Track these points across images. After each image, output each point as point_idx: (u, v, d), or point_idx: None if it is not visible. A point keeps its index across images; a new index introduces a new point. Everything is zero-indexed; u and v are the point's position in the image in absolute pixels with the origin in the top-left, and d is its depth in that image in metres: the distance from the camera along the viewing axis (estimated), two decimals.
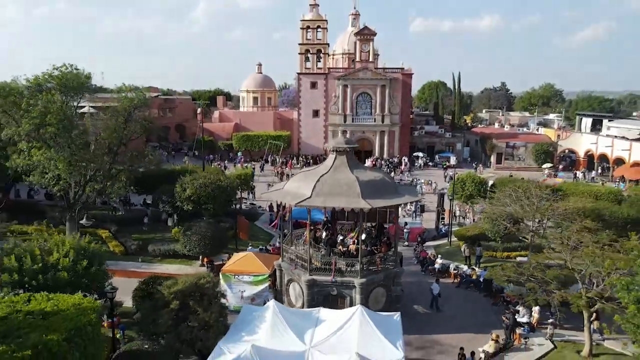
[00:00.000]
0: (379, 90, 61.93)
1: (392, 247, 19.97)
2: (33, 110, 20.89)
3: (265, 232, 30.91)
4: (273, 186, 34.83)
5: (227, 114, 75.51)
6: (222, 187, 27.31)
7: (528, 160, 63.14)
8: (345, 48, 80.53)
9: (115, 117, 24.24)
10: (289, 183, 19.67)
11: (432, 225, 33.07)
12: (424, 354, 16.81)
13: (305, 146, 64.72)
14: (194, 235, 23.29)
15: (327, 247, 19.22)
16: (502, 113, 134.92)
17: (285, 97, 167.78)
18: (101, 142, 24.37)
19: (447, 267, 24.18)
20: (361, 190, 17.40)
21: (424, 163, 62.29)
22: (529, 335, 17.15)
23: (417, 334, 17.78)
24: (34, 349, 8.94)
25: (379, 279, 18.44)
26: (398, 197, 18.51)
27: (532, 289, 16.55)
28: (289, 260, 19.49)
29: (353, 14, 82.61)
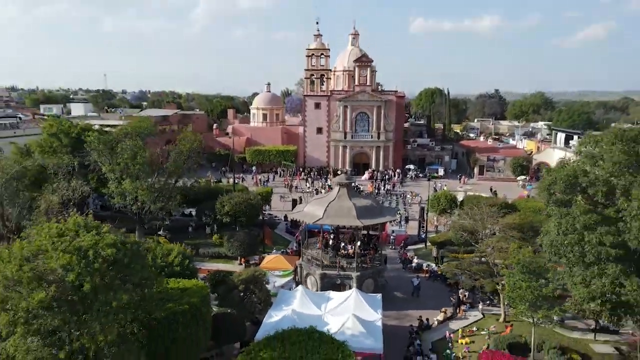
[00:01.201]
0: (375, 110, 70.48)
1: (378, 250, 28.58)
2: (125, 153, 29.46)
3: (284, 238, 39.44)
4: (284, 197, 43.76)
5: (240, 128, 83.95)
6: (252, 204, 35.92)
7: (507, 172, 71.67)
8: (345, 66, 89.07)
9: (179, 155, 32.78)
10: (307, 207, 28.26)
11: (415, 232, 41.60)
12: (399, 322, 25.26)
13: (310, 159, 73.31)
14: (235, 242, 31.88)
15: (333, 250, 27.80)
16: (492, 122, 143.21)
17: (288, 104, 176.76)
18: (169, 173, 32.86)
19: (421, 265, 32.72)
20: (357, 213, 25.96)
21: (414, 175, 70.77)
22: (468, 309, 25.71)
23: (396, 310, 26.24)
24: (187, 307, 17.43)
25: (369, 273, 27.01)
26: (381, 217, 27.14)
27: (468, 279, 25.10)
28: (307, 260, 28.07)
29: (352, 34, 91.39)
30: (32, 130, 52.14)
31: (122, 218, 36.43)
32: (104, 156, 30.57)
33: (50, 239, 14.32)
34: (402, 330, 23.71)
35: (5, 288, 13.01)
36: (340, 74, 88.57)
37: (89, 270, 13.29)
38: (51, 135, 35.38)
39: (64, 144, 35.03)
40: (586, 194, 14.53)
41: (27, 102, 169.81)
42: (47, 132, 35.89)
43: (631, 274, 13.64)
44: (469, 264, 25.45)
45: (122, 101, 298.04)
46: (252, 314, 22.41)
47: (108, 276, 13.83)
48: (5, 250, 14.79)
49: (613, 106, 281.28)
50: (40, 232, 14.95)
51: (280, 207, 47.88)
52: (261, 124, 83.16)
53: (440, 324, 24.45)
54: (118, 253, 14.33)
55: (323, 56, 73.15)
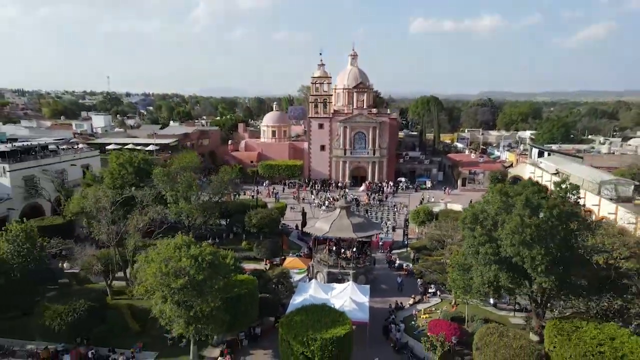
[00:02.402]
0: (371, 130, 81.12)
1: (368, 254, 39.25)
2: (183, 183, 40.09)
3: (296, 244, 50.05)
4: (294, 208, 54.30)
5: (252, 144, 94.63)
6: (272, 218, 46.61)
7: (486, 184, 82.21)
8: (345, 84, 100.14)
9: (221, 183, 43.46)
10: (317, 223, 38.91)
11: (401, 238, 52.14)
12: (382, 305, 35.69)
13: (315, 172, 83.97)
14: (262, 247, 42.56)
15: (335, 254, 38.42)
16: (482, 132, 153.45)
17: (291, 113, 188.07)
18: (211, 194, 43.53)
19: (402, 265, 43.33)
20: (353, 228, 36.58)
21: (405, 186, 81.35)
22: (431, 296, 36.32)
23: (380, 297, 36.73)
24: (246, 292, 27.99)
25: (361, 270, 37.62)
26: (371, 231, 37.83)
27: (430, 274, 35.75)
28: (317, 261, 38.69)
29: (351, 55, 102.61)
30: (86, 154, 62.65)
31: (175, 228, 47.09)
32: (166, 184, 41.24)
33: (173, 250, 24.97)
34: (384, 309, 34.29)
35: (157, 277, 23.62)
36: (341, 92, 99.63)
37: (200, 268, 23.90)
38: (119, 165, 46.05)
39: (129, 172, 45.72)
40: (482, 224, 24.95)
41: (46, 112, 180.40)
42: (115, 162, 46.56)
43: (503, 271, 24.11)
44: (431, 264, 36.09)
45: (130, 107, 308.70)
46: (281, 299, 33.05)
47: (209, 271, 24.44)
48: (145, 256, 25.49)
49: (604, 111, 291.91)
50: (165, 245, 25.60)
51: (292, 217, 58.52)
52: (270, 139, 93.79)
53: (410, 306, 35.10)
54: (213, 258, 25.00)
55: (325, 83, 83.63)
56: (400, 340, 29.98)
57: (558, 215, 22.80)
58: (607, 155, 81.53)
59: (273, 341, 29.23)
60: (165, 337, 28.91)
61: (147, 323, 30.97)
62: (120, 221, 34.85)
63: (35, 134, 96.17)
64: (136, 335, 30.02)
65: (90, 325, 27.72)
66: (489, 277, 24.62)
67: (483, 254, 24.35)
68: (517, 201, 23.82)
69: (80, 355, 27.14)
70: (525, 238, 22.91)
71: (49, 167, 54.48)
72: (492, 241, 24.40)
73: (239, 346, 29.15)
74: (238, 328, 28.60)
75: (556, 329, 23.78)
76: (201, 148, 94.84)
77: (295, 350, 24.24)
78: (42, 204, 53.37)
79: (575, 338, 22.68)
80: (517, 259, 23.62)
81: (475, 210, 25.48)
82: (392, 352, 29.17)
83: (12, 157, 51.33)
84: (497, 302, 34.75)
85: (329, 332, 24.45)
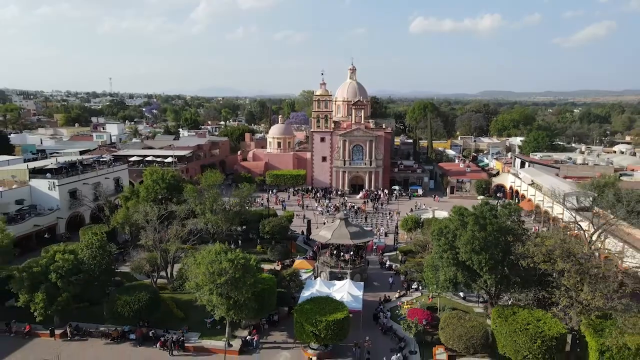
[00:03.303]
0: (368, 143, 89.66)
1: (363, 257, 47.84)
2: (210, 197, 48.65)
3: (302, 247, 58.55)
4: (298, 215, 62.87)
5: (259, 154, 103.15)
6: (283, 225, 55.17)
7: (472, 192, 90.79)
8: (344, 96, 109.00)
9: (241, 198, 52.04)
10: (321, 231, 47.46)
11: (392, 243, 60.62)
12: (373, 298, 44.14)
13: (317, 181, 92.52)
14: (275, 251, 51.08)
15: (336, 257, 46.98)
16: (474, 139, 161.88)
17: (293, 119, 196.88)
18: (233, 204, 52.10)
19: (391, 266, 51.84)
20: (350, 236, 45.15)
21: (399, 194, 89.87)
22: (414, 291, 44.87)
23: (372, 292, 45.22)
24: (268, 287, 36.52)
25: (357, 270, 46.18)
26: (365, 239, 46.44)
27: (412, 272, 44.31)
28: (321, 263, 47.25)
29: (350, 69, 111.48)
30: (116, 167, 71.17)
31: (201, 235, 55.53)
32: (196, 199, 49.81)
33: (215, 255, 33.49)
34: (374, 301, 42.81)
35: (205, 276, 32.13)
36: (341, 104, 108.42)
37: (236, 269, 32.40)
38: (153, 182, 54.62)
39: (161, 187, 54.29)
40: (445, 236, 33.42)
41: (60, 120, 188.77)
42: (149, 178, 55.12)
43: (460, 271, 32.62)
44: (414, 264, 44.64)
45: (135, 111, 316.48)
46: (292, 293, 41.60)
47: (243, 271, 32.95)
48: (194, 260, 34.06)
49: (597, 115, 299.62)
50: (207, 251, 34.13)
51: (297, 223, 66.99)
52: (276, 150, 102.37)
53: (396, 299, 43.67)
54: (245, 261, 33.55)
55: (327, 101, 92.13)
56: (387, 324, 38.55)
57: (498, 230, 31.40)
58: (581, 166, 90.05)
59: (287, 325, 37.86)
60: (205, 321, 37.48)
61: (188, 311, 39.65)
62: (163, 230, 43.36)
63: (61, 145, 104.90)
64: (181, 320, 38.58)
65: (149, 311, 36.27)
66: (450, 275, 33.24)
67: (445, 258, 32.96)
68: (469, 220, 32.42)
69: (142, 334, 35.71)
70: (475, 247, 31.50)
71: (87, 181, 63.15)
72: (452, 249, 33.00)
73: (262, 328, 37.72)
74: (261, 315, 37.13)
75: (498, 313, 32.35)
76: (212, 158, 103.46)
77: (306, 329, 32.79)
78: (83, 213, 62.01)
79: (511, 320, 31.21)
80: (470, 262, 32.22)
81: (441, 226, 34.09)
82: (380, 334, 37.71)
83: (59, 173, 59.89)
84: (466, 295, 43.30)
85: (331, 316, 32.98)
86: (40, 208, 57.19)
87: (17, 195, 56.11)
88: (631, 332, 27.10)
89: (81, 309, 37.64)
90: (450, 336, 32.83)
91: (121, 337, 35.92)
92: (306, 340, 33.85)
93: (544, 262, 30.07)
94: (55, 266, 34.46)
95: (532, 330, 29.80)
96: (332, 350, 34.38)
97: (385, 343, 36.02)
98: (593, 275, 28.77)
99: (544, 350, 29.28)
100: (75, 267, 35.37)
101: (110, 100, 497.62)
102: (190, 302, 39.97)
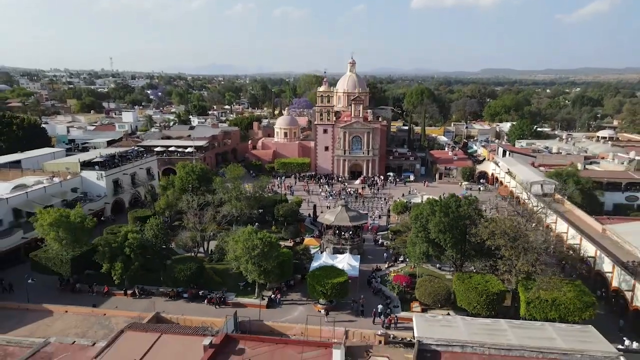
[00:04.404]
0: (366, 135, 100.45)
1: (360, 236, 59.47)
2: (235, 188, 59.89)
3: (309, 228, 70.02)
4: (305, 199, 74.36)
5: (268, 143, 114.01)
6: (294, 209, 66.60)
7: (459, 178, 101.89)
8: (345, 88, 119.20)
9: (260, 187, 63.30)
10: (325, 215, 58.92)
11: (385, 223, 72.07)
12: (367, 267, 55.80)
13: (320, 168, 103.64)
14: (288, 230, 62.60)
15: (338, 236, 58.54)
16: (466, 126, 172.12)
17: (296, 105, 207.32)
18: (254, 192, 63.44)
19: (383, 243, 63.39)
20: (349, 219, 56.60)
21: (393, 179, 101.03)
22: (400, 263, 56.53)
23: (367, 264, 56.74)
24: (287, 259, 48.03)
25: (355, 246, 57.79)
26: (361, 221, 58.00)
27: (398, 247, 55.91)
28: (326, 240, 58.83)
29: (350, 62, 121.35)
30: (148, 159, 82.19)
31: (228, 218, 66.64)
32: (224, 189, 61.07)
33: (248, 234, 44.89)
34: (368, 270, 54.44)
35: (243, 250, 43.58)
36: (342, 95, 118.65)
37: (265, 245, 43.80)
38: (186, 173, 65.74)
39: (193, 178, 65.44)
40: (420, 220, 44.60)
41: (74, 106, 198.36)
42: (183, 171, 66.21)
43: (431, 247, 44.07)
44: (400, 241, 56.15)
45: (141, 94, 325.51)
46: (304, 263, 53.20)
47: (269, 247, 44.37)
48: (232, 239, 45.54)
49: (591, 98, 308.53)
50: (240, 232, 45.53)
51: (304, 207, 78.30)
52: (283, 139, 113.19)
53: (385, 269, 55.36)
54: (271, 239, 45.00)
55: (329, 97, 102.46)
56: (377, 287, 50.27)
57: (458, 217, 42.82)
58: (556, 155, 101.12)
59: (301, 288, 49.53)
60: (239, 284, 49.16)
61: (224, 278, 51.32)
62: (201, 214, 54.74)
63: (88, 135, 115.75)
64: (219, 284, 50.22)
65: (197, 277, 47.88)
66: (424, 250, 44.85)
67: (420, 237, 44.47)
68: (437, 209, 43.78)
69: (192, 293, 47.41)
70: (441, 229, 42.90)
71: (126, 171, 74.32)
72: (425, 230, 44.47)
73: (282, 290, 49.41)
74: (282, 279, 48.71)
75: (458, 277, 43.97)
76: (225, 147, 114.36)
77: (317, 289, 44.40)
78: (123, 199, 73.40)
79: (467, 282, 42.79)
80: (438, 240, 43.69)
81: (417, 212, 45.49)
82: (372, 294, 49.38)
83: (104, 166, 70.98)
84: (441, 266, 54.90)
85: (335, 280, 44.51)
86: (90, 195, 68.47)
87: (72, 185, 67.26)
88: (545, 289, 38.71)
89: (143, 275, 49.22)
90: (422, 294, 44.53)
91: (176, 296, 47.66)
92: (316, 297, 45.52)
93: (489, 239, 41.46)
94: (128, 242, 45.89)
95: (480, 289, 41.44)
96: (336, 305, 46.10)
97: (376, 300, 47.75)
98: (522, 249, 40.22)
99: (488, 303, 40.97)
100: (141, 244, 46.83)
101: (114, 81, 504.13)
102: (225, 270, 51.64)
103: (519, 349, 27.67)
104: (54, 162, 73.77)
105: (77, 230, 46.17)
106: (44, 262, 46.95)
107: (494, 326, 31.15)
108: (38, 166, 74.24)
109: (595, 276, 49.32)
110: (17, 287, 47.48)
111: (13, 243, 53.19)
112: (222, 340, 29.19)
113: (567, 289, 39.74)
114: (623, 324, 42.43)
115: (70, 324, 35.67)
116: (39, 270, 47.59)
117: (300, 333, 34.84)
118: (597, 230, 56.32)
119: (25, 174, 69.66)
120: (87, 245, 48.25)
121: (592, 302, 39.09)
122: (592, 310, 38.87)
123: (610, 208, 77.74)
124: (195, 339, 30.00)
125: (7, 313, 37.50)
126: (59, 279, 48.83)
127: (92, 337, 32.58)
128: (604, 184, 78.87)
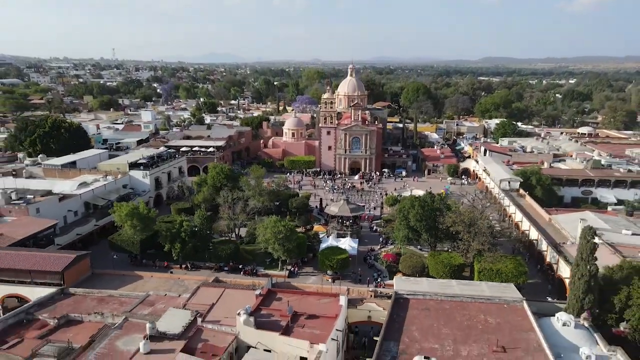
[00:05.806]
0: (364, 136, 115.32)
1: (358, 224, 74.80)
2: (259, 185, 74.97)
3: (317, 217, 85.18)
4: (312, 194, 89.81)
5: (277, 142, 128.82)
6: (304, 202, 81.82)
7: (444, 174, 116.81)
8: (345, 91, 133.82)
9: (278, 185, 78.38)
10: (330, 207, 74.19)
11: (379, 213, 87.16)
12: (364, 248, 71.02)
13: (324, 165, 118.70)
14: (300, 220, 77.80)
15: (341, 223, 73.80)
16: (457, 123, 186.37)
17: (299, 102, 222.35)
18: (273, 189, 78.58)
19: (377, 229, 78.62)
20: (350, 210, 71.84)
21: (387, 175, 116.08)
22: (389, 244, 71.82)
23: (363, 246, 71.91)
24: (302, 241, 63.18)
25: (354, 232, 73.08)
26: (359, 212, 73.30)
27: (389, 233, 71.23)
28: (331, 227, 74.10)
29: (351, 68, 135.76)
30: (179, 159, 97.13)
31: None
32: (249, 186, 76.12)
33: (274, 222, 60.06)
34: (365, 250, 69.66)
35: (270, 234, 58.73)
36: (342, 97, 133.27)
37: (287, 230, 58.95)
38: (216, 173, 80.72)
39: (222, 177, 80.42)
40: (403, 212, 59.52)
41: (93, 104, 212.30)
42: (215, 171, 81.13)
43: (410, 231, 59.22)
44: (389, 228, 71.38)
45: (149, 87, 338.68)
46: (314, 245, 68.44)
47: (291, 232, 59.54)
48: (262, 226, 60.80)
49: (580, 93, 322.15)
50: (268, 221, 60.71)
51: (311, 200, 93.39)
52: (291, 139, 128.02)
53: (378, 250, 70.69)
54: (291, 226, 60.17)
55: (332, 102, 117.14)
56: (371, 262, 65.61)
57: (430, 210, 58.06)
58: (529, 153, 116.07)
59: (313, 264, 64.80)
60: (265, 261, 64.46)
61: (253, 256, 66.56)
62: (234, 206, 69.87)
63: (119, 135, 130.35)
64: (249, 260, 65.43)
65: (234, 255, 63.15)
66: (405, 234, 60.19)
67: (403, 225, 59.76)
68: (416, 203, 58.96)
69: (231, 267, 62.72)
70: (418, 218, 58.10)
71: (165, 170, 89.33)
72: (406, 219, 59.74)
73: (299, 265, 64.70)
74: (299, 256, 63.94)
75: (430, 254, 59.27)
76: (239, 145, 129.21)
77: (325, 263, 59.63)
78: (162, 193, 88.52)
79: (436, 257, 58.03)
80: (415, 227, 58.94)
81: (401, 206, 60.75)
82: (367, 268, 64.70)
83: (147, 166, 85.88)
84: (421, 247, 70.11)
85: (339, 257, 59.74)
86: (136, 191, 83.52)
87: (122, 182, 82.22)
88: (491, 262, 54.03)
89: (192, 253, 64.43)
90: (404, 267, 59.87)
91: (219, 269, 62.96)
92: (325, 269, 60.76)
93: (452, 226, 56.69)
94: (183, 229, 61.05)
95: (446, 262, 56.76)
96: (340, 275, 61.42)
97: (370, 272, 63.11)
98: (474, 233, 55.47)
99: (451, 272, 56.27)
100: (192, 229, 62.02)
101: (119, 73, 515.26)
102: (254, 250, 66.87)
103: (460, 295, 42.95)
104: (107, 163, 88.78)
105: (145, 219, 61.27)
106: (119, 243, 62.22)
107: (446, 283, 46.54)
108: (89, 166, 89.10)
109: (538, 255, 64.72)
110: (98, 261, 62.79)
111: (89, 229, 68.44)
112: (266, 292, 44.42)
113: (508, 262, 55.06)
114: (550, 288, 57.92)
115: (156, 284, 50.79)
116: (115, 249, 62.86)
117: (316, 290, 50.06)
118: (545, 219, 71.57)
119: (82, 173, 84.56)
120: (151, 231, 63.39)
121: (525, 271, 54.42)
122: (525, 277, 54.20)
123: (569, 201, 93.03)
124: (249, 292, 45.17)
125: (111, 278, 52.70)
126: (129, 255, 64.08)
127: (176, 292, 47.73)
128: (564, 180, 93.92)
